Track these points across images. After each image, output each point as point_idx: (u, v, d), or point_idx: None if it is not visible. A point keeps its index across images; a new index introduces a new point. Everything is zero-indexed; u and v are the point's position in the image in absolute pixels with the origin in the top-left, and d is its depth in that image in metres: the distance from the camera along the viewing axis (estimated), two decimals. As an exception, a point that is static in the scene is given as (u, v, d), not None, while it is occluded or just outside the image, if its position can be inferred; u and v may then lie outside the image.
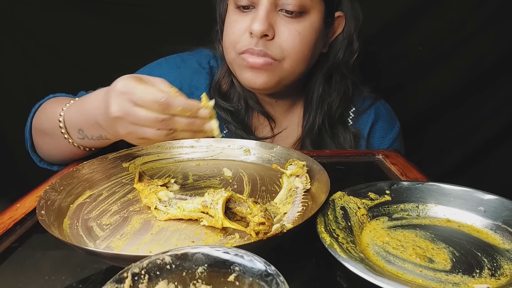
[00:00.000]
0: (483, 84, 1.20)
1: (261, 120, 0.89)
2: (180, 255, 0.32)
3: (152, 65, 0.90)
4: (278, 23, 0.73)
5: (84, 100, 0.66)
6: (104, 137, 0.64)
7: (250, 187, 0.61)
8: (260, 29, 0.71)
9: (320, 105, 0.84)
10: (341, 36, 0.82)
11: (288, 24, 0.73)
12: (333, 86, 0.85)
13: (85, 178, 0.60)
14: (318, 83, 0.84)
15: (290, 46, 0.74)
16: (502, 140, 1.24)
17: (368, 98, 0.91)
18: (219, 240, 0.47)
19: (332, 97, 0.85)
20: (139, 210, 0.54)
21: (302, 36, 0.74)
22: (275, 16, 0.73)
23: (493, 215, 0.50)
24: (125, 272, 0.30)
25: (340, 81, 0.85)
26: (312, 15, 0.75)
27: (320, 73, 0.83)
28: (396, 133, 0.91)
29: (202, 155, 0.71)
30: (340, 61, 0.83)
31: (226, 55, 0.80)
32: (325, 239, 0.43)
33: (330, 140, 0.86)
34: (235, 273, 0.31)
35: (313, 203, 0.53)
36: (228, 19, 0.78)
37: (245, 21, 0.74)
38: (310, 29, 0.75)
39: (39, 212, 0.48)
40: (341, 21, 0.82)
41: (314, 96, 0.84)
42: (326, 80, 0.84)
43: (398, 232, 0.49)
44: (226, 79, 0.86)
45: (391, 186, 0.55)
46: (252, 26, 0.72)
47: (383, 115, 0.91)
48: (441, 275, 0.41)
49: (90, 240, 0.47)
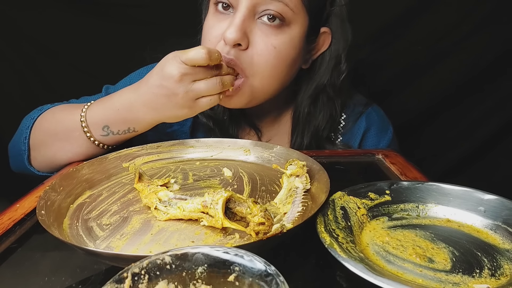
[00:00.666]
0: (481, 83, 1.20)
1: (247, 130, 0.87)
2: (180, 255, 0.32)
3: (133, 75, 0.86)
4: (254, 33, 0.68)
5: (112, 97, 0.70)
6: (132, 130, 0.70)
7: (250, 187, 0.61)
8: (233, 37, 0.66)
9: (307, 125, 0.81)
10: (328, 55, 0.77)
11: (265, 36, 0.68)
12: (319, 107, 0.80)
13: (85, 178, 0.60)
14: (304, 104, 0.80)
15: (263, 61, 0.69)
16: (502, 139, 1.24)
17: (359, 105, 0.87)
18: (219, 240, 0.47)
19: (318, 120, 0.81)
20: (139, 210, 0.54)
21: (278, 51, 0.69)
22: (252, 24, 0.68)
23: (493, 215, 0.50)
24: (125, 272, 0.30)
25: (327, 102, 0.80)
26: (293, 28, 0.70)
27: (306, 93, 0.80)
28: (389, 139, 0.88)
29: (202, 155, 0.71)
30: (327, 82, 0.78)
31: None
32: (325, 239, 0.43)
33: None
34: (235, 273, 0.31)
35: (313, 203, 0.53)
36: (206, 23, 0.74)
37: (221, 26, 0.70)
38: (289, 44, 0.70)
39: (39, 212, 0.48)
40: (327, 38, 0.77)
41: (300, 116, 0.81)
42: (312, 101, 0.80)
43: (398, 232, 0.49)
44: None
45: (391, 186, 0.55)
46: (225, 33, 0.67)
47: (375, 122, 0.87)
48: (441, 275, 0.41)
49: (90, 240, 0.47)
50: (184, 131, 0.86)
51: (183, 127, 0.86)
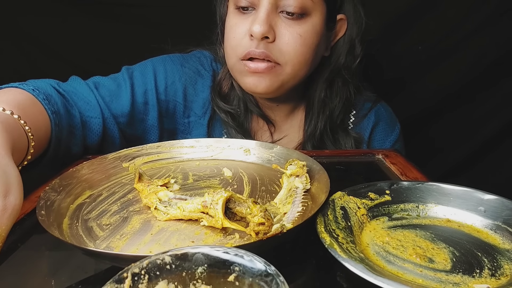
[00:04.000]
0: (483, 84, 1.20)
1: (260, 124, 0.88)
2: (180, 255, 0.32)
3: (155, 60, 0.87)
4: (279, 25, 0.72)
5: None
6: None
7: (250, 187, 0.61)
8: (260, 30, 0.70)
9: (322, 110, 0.84)
10: (343, 40, 0.81)
11: (289, 26, 0.72)
12: (335, 91, 0.84)
13: (84, 178, 0.60)
14: (320, 88, 0.83)
15: (292, 50, 0.73)
16: (502, 140, 1.24)
17: (368, 101, 0.90)
18: (219, 240, 0.47)
19: (334, 103, 0.84)
20: (139, 210, 0.54)
21: (304, 39, 0.73)
22: (276, 18, 0.72)
23: (493, 215, 0.50)
24: (125, 272, 0.30)
25: (342, 86, 0.84)
26: (313, 17, 0.74)
27: (322, 77, 0.82)
28: (397, 135, 0.91)
29: (202, 155, 0.71)
30: (342, 65, 0.81)
31: (227, 60, 0.79)
32: (325, 239, 0.43)
33: (331, 145, 0.85)
34: (235, 273, 0.31)
35: (313, 203, 0.53)
36: (229, 22, 0.77)
37: (245, 24, 0.73)
38: (312, 32, 0.74)
39: (39, 212, 0.48)
40: (343, 24, 0.81)
41: (315, 101, 0.84)
42: (328, 85, 0.83)
43: (398, 232, 0.49)
44: (227, 81, 0.86)
45: (391, 186, 0.55)
46: (252, 28, 0.71)
47: (383, 117, 0.90)
48: (441, 275, 0.41)
49: (90, 240, 0.47)
50: (202, 123, 0.87)
51: (201, 119, 0.86)
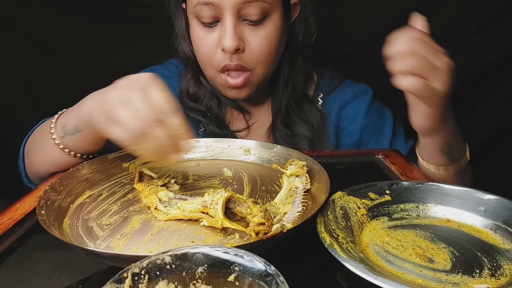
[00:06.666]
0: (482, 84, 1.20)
1: (235, 114, 0.90)
2: (180, 255, 0.32)
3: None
4: (245, 34, 0.74)
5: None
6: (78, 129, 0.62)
7: (250, 187, 0.61)
8: (232, 45, 0.72)
9: (285, 87, 0.86)
10: (299, 20, 0.83)
11: (254, 32, 0.75)
12: (296, 67, 0.86)
13: (85, 178, 0.60)
14: (283, 67, 0.86)
15: (260, 54, 0.76)
16: (502, 140, 1.24)
17: (334, 81, 0.92)
18: (219, 240, 0.47)
19: (297, 78, 0.87)
20: (139, 210, 0.54)
21: (269, 40, 0.76)
22: (241, 27, 0.74)
23: (493, 215, 0.50)
24: (125, 272, 0.30)
25: (302, 62, 0.87)
26: (273, 16, 0.76)
27: (284, 58, 0.85)
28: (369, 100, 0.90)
29: (202, 155, 0.71)
30: (301, 44, 0.84)
31: (205, 70, 0.81)
32: (325, 239, 0.43)
33: (297, 118, 0.87)
34: (235, 273, 0.31)
35: (313, 203, 0.53)
36: (195, 34, 0.78)
37: (213, 36, 0.75)
38: (275, 30, 0.77)
39: (39, 212, 0.48)
40: (297, 6, 0.83)
41: (279, 79, 0.86)
42: (291, 63, 0.86)
43: (398, 232, 0.49)
44: (192, 83, 0.87)
45: (391, 186, 0.55)
46: (224, 43, 0.73)
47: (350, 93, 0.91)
48: (441, 275, 0.41)
49: (90, 240, 0.47)
50: None
51: None
